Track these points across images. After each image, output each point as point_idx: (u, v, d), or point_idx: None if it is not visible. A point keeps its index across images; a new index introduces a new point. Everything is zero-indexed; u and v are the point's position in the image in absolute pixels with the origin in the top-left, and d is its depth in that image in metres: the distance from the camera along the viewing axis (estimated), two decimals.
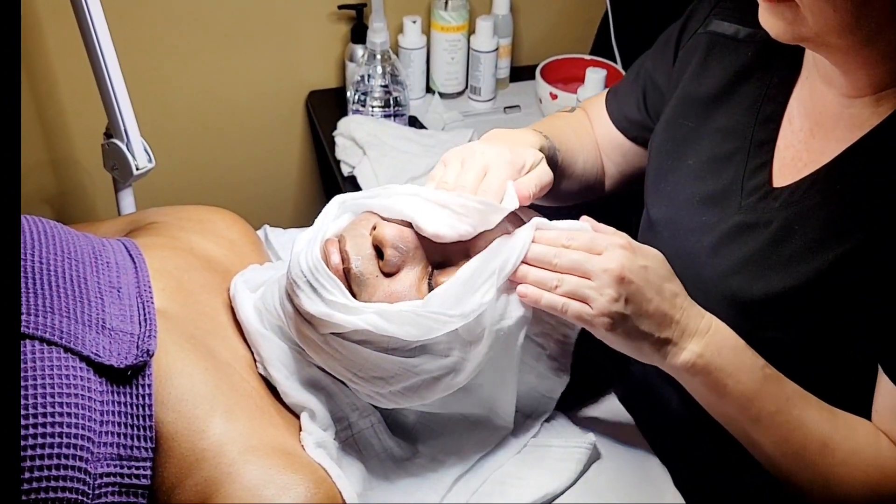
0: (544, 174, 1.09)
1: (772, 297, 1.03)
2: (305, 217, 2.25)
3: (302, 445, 0.97)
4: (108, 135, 1.53)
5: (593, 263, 0.97)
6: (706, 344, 1.00)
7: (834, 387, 1.04)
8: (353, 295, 0.98)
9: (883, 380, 1.00)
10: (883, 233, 0.96)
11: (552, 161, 1.19)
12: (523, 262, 1.00)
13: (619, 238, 1.00)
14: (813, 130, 1.07)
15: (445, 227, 0.99)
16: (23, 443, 0.84)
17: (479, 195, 1.01)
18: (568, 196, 1.32)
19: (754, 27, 1.11)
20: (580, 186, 1.33)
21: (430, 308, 0.96)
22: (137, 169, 1.53)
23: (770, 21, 0.98)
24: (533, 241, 1.00)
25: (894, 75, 0.99)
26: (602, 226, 1.04)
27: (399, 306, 0.96)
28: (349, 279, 0.98)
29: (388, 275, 1.00)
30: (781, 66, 1.12)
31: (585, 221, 1.04)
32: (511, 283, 1.00)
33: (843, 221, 1.00)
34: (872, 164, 1.00)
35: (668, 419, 1.06)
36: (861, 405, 1.03)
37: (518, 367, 1.05)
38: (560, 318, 1.01)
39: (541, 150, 1.14)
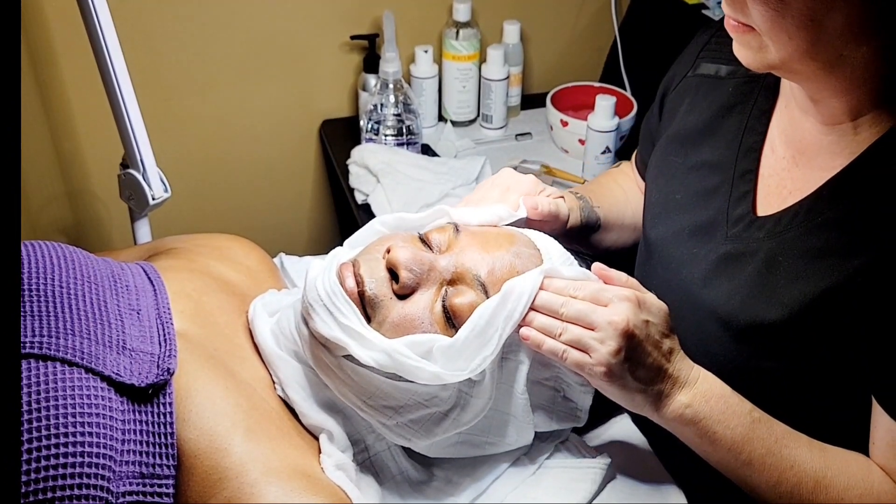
0: (561, 203, 1.19)
1: (761, 326, 1.04)
2: (320, 245, 2.27)
3: (321, 467, 0.97)
4: (125, 165, 1.54)
5: (598, 315, 0.98)
6: (694, 394, 1.01)
7: (830, 417, 1.05)
8: (368, 318, 0.99)
9: (878, 413, 1.00)
10: (870, 264, 0.97)
11: (590, 217, 1.27)
12: (531, 308, 1.01)
13: (626, 291, 1.01)
14: (795, 158, 1.09)
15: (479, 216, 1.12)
16: (45, 462, 0.84)
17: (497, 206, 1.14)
18: (626, 247, 1.37)
19: (735, 65, 1.15)
20: (637, 235, 1.36)
21: (437, 367, 0.97)
22: (154, 199, 1.54)
23: (741, 51, 1.02)
24: (541, 289, 1.01)
25: (867, 102, 1.01)
26: (612, 273, 1.05)
27: (409, 358, 0.97)
28: (364, 302, 0.99)
29: (402, 297, 1.01)
30: (760, 97, 1.15)
31: (597, 267, 1.05)
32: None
33: (828, 253, 1.01)
34: (855, 196, 1.01)
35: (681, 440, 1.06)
36: (857, 435, 1.04)
37: (526, 407, 1.05)
38: None
39: (570, 210, 1.23)
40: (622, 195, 1.36)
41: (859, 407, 1.03)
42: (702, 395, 1.01)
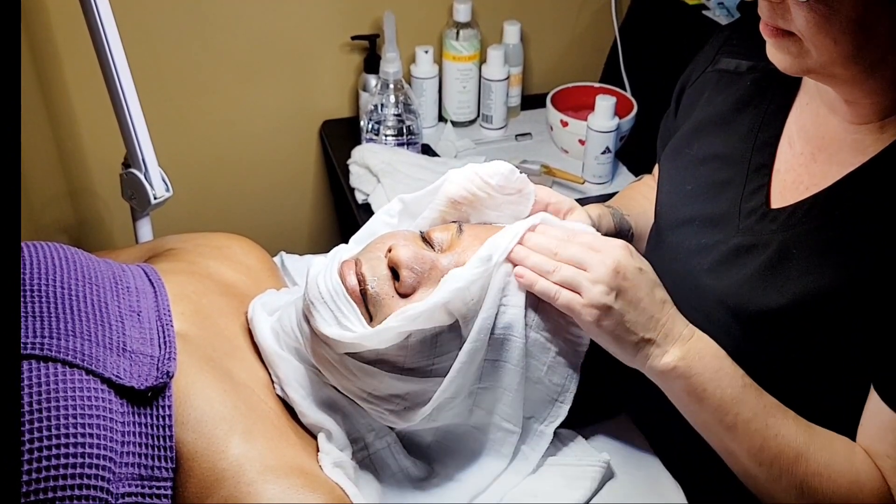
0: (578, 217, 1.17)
1: (770, 314, 1.04)
2: (321, 244, 2.27)
3: (320, 465, 0.98)
4: (126, 165, 1.55)
5: (591, 256, 1.00)
6: (688, 349, 1.02)
7: (836, 407, 1.05)
8: (370, 316, 1.00)
9: (874, 401, 1.01)
10: (882, 259, 0.97)
11: (622, 225, 1.28)
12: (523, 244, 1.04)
13: (619, 241, 1.04)
14: (815, 154, 1.09)
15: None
16: (45, 463, 0.85)
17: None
18: None
19: (754, 60, 1.16)
20: None
21: (438, 295, 0.98)
22: (155, 198, 1.55)
23: (777, 56, 1.01)
24: (534, 232, 1.04)
25: None
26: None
27: (410, 310, 0.98)
28: (366, 300, 1.00)
29: (403, 295, 1.01)
30: (777, 93, 1.15)
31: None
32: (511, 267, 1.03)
33: (841, 246, 1.01)
34: (872, 191, 1.01)
35: (681, 439, 1.07)
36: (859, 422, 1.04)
37: (522, 369, 1.05)
38: (568, 316, 1.03)
39: (599, 216, 1.24)
40: (649, 205, 1.36)
41: (862, 398, 1.03)
42: (696, 351, 1.02)
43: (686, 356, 1.01)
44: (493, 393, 1.05)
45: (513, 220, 1.15)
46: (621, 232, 1.29)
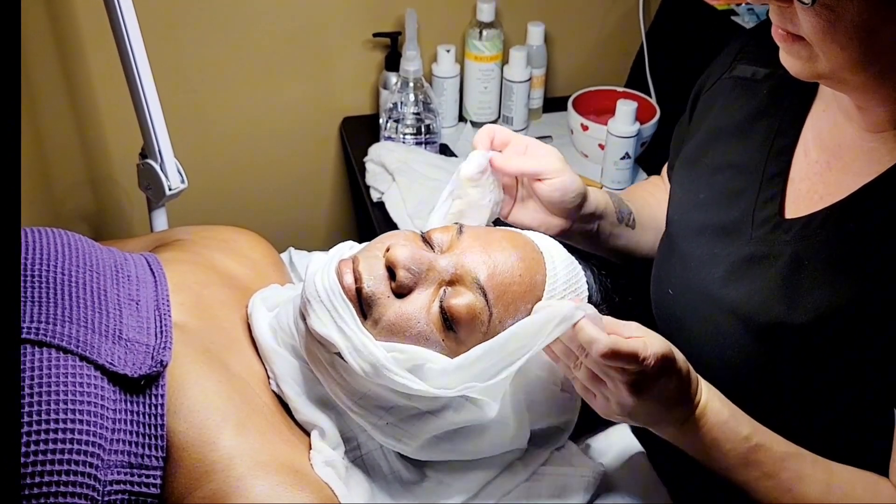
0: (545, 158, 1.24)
1: (782, 327, 1.03)
2: (336, 241, 2.26)
3: (311, 463, 0.98)
4: (143, 155, 1.57)
5: (616, 380, 0.95)
6: (689, 427, 1.00)
7: (843, 423, 1.04)
8: (365, 315, 1.00)
9: None
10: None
11: (621, 209, 1.27)
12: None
13: (654, 347, 0.94)
14: (830, 163, 1.07)
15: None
16: (34, 447, 0.86)
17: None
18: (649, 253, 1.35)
19: (771, 67, 1.14)
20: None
21: (422, 384, 0.97)
22: (170, 189, 1.56)
23: (788, 60, 1.00)
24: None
25: None
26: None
27: (395, 374, 0.96)
28: (361, 299, 1.00)
29: (399, 295, 1.01)
30: (794, 100, 1.13)
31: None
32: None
33: (855, 260, 0.99)
34: (888, 203, 0.99)
35: (677, 449, 1.06)
36: (869, 446, 1.02)
37: (525, 410, 1.06)
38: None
39: (597, 203, 1.24)
40: (653, 199, 1.35)
41: (874, 417, 1.01)
42: (695, 424, 1.00)
43: (683, 437, 1.01)
44: (495, 432, 1.05)
45: (490, 202, 1.19)
46: (621, 215, 1.27)
